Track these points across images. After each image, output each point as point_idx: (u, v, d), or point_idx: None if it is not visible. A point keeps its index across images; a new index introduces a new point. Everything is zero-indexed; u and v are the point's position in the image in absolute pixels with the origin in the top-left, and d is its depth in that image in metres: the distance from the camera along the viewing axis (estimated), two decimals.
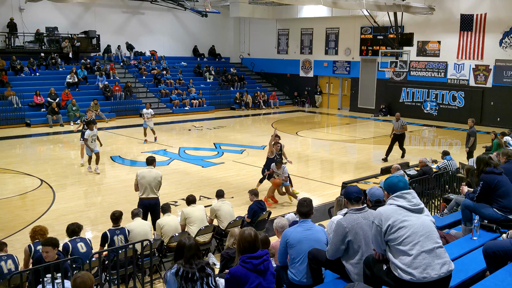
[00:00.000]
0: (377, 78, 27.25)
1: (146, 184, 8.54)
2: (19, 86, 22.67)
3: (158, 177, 8.65)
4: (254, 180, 12.72)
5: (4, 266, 5.95)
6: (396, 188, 4.10)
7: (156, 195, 8.66)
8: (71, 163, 15.24)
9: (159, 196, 8.76)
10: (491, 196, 6.11)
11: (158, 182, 8.66)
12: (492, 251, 4.72)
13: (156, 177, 8.64)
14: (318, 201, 11.37)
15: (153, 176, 8.61)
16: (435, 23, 23.97)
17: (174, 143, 18.21)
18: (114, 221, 7.20)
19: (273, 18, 30.42)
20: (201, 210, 8.21)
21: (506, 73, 22.31)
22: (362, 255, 4.50)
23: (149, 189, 8.54)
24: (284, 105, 30.57)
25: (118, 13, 28.37)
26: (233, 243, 6.24)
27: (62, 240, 6.92)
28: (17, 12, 24.55)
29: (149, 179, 8.56)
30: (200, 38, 31.90)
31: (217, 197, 8.69)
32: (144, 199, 8.56)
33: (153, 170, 8.77)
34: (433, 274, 3.81)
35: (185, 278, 4.20)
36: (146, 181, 8.55)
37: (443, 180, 10.61)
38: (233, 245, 6.12)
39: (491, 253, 4.73)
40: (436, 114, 24.86)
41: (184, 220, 8.00)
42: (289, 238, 4.89)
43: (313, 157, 17.04)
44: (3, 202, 11.13)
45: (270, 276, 4.28)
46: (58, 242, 5.94)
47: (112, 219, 7.22)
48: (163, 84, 27.06)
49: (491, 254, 4.72)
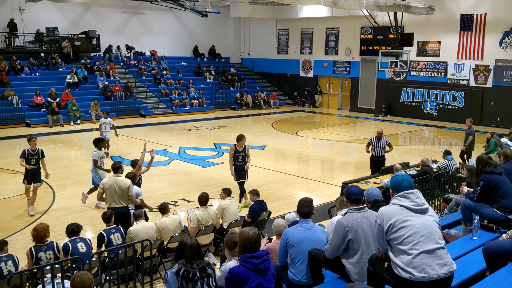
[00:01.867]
0: (377, 78, 27.25)
1: (112, 193, 8.03)
2: (19, 86, 22.68)
3: (124, 186, 8.05)
4: (254, 180, 12.73)
5: (4, 267, 5.94)
6: (400, 187, 4.10)
7: (125, 204, 8.13)
8: (71, 163, 15.25)
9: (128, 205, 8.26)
10: (491, 196, 6.10)
11: (124, 191, 8.07)
12: (492, 251, 4.72)
13: (122, 186, 8.05)
14: (318, 201, 11.38)
15: (120, 185, 8.05)
16: (435, 23, 23.97)
17: (174, 143, 18.21)
18: (106, 220, 7.19)
19: (273, 18, 30.43)
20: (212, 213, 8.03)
21: (506, 73, 22.32)
22: (362, 254, 4.50)
23: (116, 198, 8.03)
24: (284, 105, 30.58)
25: (118, 13, 28.37)
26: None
27: (62, 240, 6.93)
28: (17, 12, 24.56)
29: (115, 188, 8.03)
30: (200, 38, 31.91)
31: (226, 194, 8.67)
32: (112, 208, 7.93)
33: (119, 178, 8.20)
34: (433, 274, 3.81)
35: (186, 278, 4.20)
36: (112, 191, 8.03)
37: (443, 180, 10.61)
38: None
39: (491, 253, 4.73)
40: (436, 114, 24.86)
41: (196, 222, 7.73)
42: (289, 238, 4.90)
43: (313, 157, 17.04)
44: (3, 202, 11.13)
45: (270, 276, 4.28)
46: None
47: (104, 218, 7.21)
48: (163, 84, 27.07)
49: (491, 254, 4.72)
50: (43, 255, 6.23)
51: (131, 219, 7.96)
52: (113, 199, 8.02)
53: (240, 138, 10.75)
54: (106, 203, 8.31)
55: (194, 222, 7.75)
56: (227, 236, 5.05)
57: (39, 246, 6.29)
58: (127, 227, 7.50)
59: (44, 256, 6.23)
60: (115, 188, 8.00)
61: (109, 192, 8.04)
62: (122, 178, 8.24)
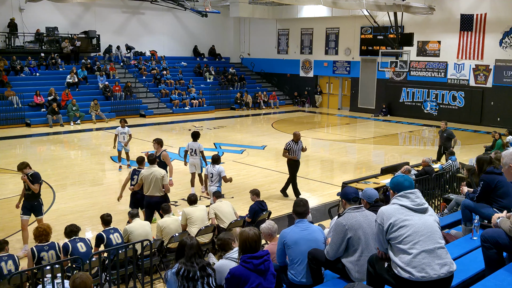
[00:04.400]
0: (377, 78, 27.25)
1: (150, 183, 8.74)
2: (19, 86, 22.68)
3: (159, 176, 8.77)
4: (254, 180, 12.75)
5: (4, 267, 5.95)
6: (401, 187, 4.10)
7: (159, 193, 8.80)
8: (71, 163, 15.25)
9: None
10: (491, 196, 6.10)
11: (159, 180, 8.77)
12: (491, 238, 4.59)
13: (158, 176, 8.77)
14: (318, 201, 11.38)
15: (156, 175, 8.76)
16: (435, 23, 23.97)
17: (174, 143, 18.19)
18: (106, 223, 7.24)
19: (273, 18, 30.42)
20: (202, 210, 8.21)
21: (506, 73, 22.31)
22: (361, 253, 4.51)
23: (153, 187, 8.73)
24: (284, 105, 30.57)
25: (118, 13, 28.37)
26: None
27: (62, 240, 6.92)
28: (17, 12, 24.56)
29: (152, 178, 8.73)
30: (200, 38, 31.90)
31: (215, 197, 8.74)
32: (148, 196, 8.80)
33: (155, 169, 8.90)
34: (432, 274, 3.81)
35: (186, 277, 4.21)
36: (149, 181, 8.74)
37: (443, 180, 10.61)
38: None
39: (491, 241, 4.59)
40: (436, 114, 24.86)
41: (185, 220, 8.00)
42: (286, 239, 4.88)
43: (313, 157, 17.03)
44: (3, 202, 11.13)
45: (271, 276, 4.28)
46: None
47: (106, 220, 7.26)
48: (163, 84, 27.06)
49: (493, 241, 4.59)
50: (45, 254, 6.24)
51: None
52: (150, 188, 8.73)
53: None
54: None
55: (183, 219, 8.01)
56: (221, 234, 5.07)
57: (41, 246, 6.30)
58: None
59: (46, 256, 6.24)
60: (152, 178, 8.69)
61: (146, 181, 8.73)
62: (157, 168, 8.93)
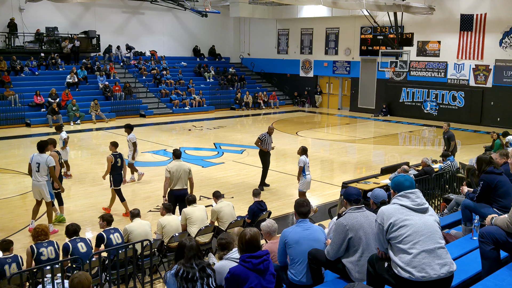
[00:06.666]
0: (377, 78, 27.24)
1: (178, 176, 9.16)
2: (19, 86, 22.68)
3: (187, 169, 9.28)
4: (254, 180, 12.73)
5: (7, 269, 5.95)
6: (402, 187, 4.11)
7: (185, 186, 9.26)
8: (71, 163, 15.17)
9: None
10: (491, 196, 6.10)
11: (186, 173, 9.25)
12: (490, 235, 4.60)
13: (186, 169, 9.27)
14: (318, 201, 11.38)
15: (183, 168, 9.24)
16: (435, 23, 23.97)
17: (174, 143, 18.20)
18: (108, 223, 7.24)
19: (273, 18, 30.42)
20: (201, 210, 8.20)
21: (506, 73, 22.31)
22: (362, 253, 4.52)
23: (180, 180, 9.17)
24: (284, 105, 30.57)
25: (118, 13, 28.36)
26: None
27: (62, 240, 6.93)
28: (17, 12, 24.55)
29: (180, 171, 9.18)
30: (200, 38, 31.91)
31: (216, 198, 8.63)
32: (175, 190, 9.21)
33: (182, 163, 9.39)
34: (432, 274, 3.81)
35: (186, 278, 4.20)
36: (177, 174, 9.16)
37: (443, 180, 10.61)
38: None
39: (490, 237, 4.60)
40: (436, 114, 24.86)
41: (184, 220, 7.99)
42: (287, 238, 4.88)
43: (313, 157, 17.01)
44: (3, 202, 11.13)
45: (270, 276, 4.28)
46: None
47: (108, 221, 7.26)
48: (163, 84, 27.06)
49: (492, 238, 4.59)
50: (44, 250, 6.25)
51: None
52: (177, 182, 9.16)
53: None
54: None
55: (183, 219, 8.03)
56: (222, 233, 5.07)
57: (40, 242, 6.32)
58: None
59: (45, 251, 6.25)
60: (180, 172, 9.15)
61: (175, 175, 9.13)
62: (184, 162, 9.47)
